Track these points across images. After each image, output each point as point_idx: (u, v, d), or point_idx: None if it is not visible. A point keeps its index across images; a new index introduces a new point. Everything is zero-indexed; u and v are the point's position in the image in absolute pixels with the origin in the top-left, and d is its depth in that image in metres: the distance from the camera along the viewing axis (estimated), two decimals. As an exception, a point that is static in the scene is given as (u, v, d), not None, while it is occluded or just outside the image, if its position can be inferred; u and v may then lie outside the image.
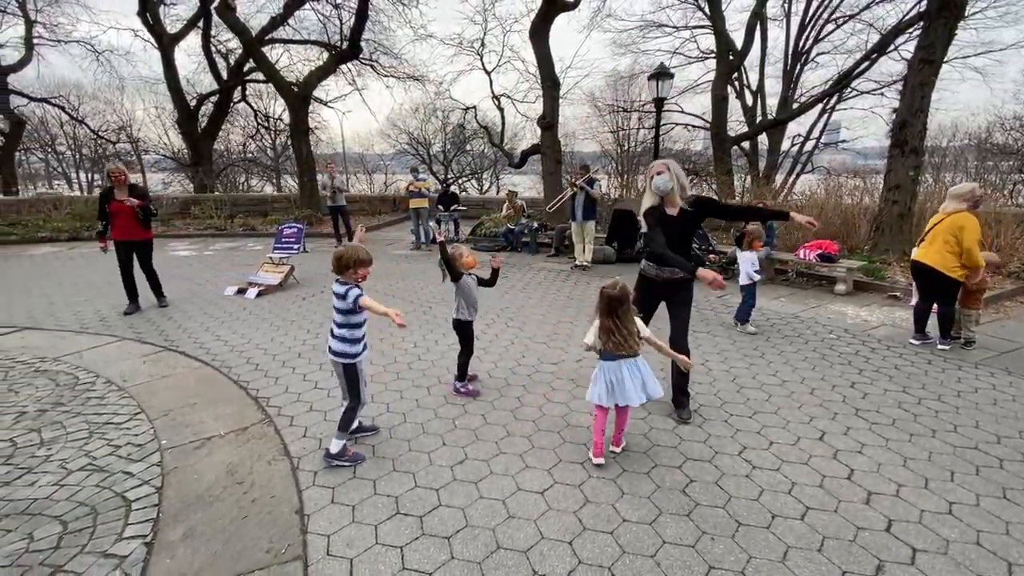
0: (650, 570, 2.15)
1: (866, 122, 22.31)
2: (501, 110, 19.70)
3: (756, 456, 2.99)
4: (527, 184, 24.66)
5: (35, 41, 18.23)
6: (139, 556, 2.28)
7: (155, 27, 17.04)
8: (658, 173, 3.27)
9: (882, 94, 16.86)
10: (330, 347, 2.89)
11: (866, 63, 13.11)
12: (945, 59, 8.10)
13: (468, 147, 26.72)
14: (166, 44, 17.27)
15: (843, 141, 22.25)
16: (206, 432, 3.34)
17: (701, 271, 2.90)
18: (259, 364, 4.48)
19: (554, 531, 2.39)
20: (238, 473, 2.89)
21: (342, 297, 2.76)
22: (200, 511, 2.57)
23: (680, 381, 3.47)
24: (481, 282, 3.79)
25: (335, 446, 2.90)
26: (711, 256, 7.77)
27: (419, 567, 2.18)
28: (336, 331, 2.86)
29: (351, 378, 2.89)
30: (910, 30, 12.04)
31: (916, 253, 4.76)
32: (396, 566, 2.19)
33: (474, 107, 21.06)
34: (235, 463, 2.99)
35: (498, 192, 26.20)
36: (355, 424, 3.03)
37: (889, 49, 12.98)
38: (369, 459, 2.99)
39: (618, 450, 3.03)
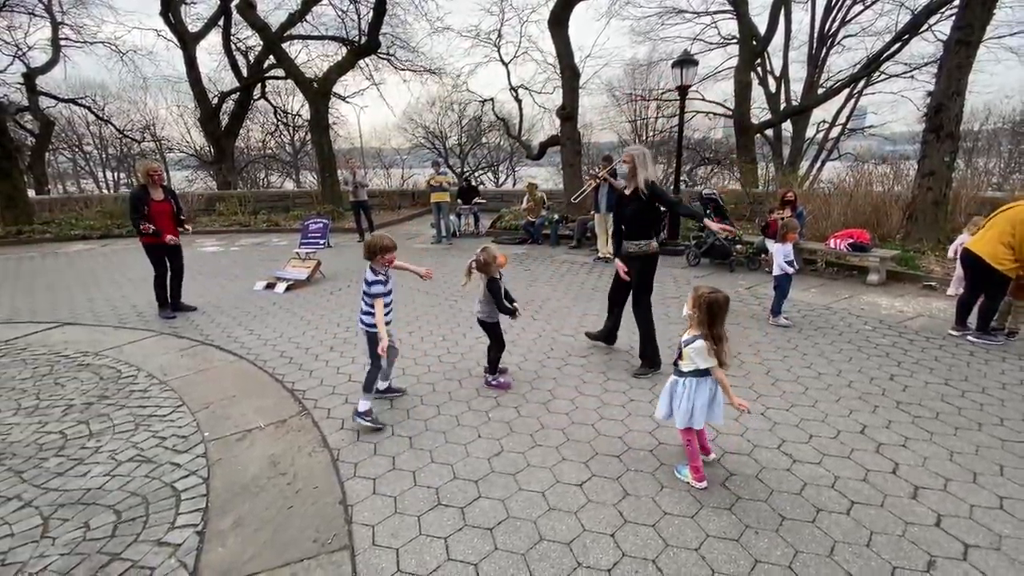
0: (695, 563, 2.14)
1: (895, 107, 21.78)
2: (519, 101, 19.61)
3: (796, 450, 2.95)
4: (544, 176, 24.58)
5: (62, 43, 18.64)
6: (192, 544, 2.35)
7: (177, 26, 17.33)
8: (624, 162, 3.98)
9: (912, 77, 16.40)
10: (361, 318, 3.34)
11: (897, 45, 12.70)
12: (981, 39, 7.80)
13: (484, 140, 26.67)
14: (188, 43, 17.55)
15: (870, 127, 21.66)
16: (247, 424, 3.42)
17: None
18: (293, 357, 4.56)
19: (595, 523, 2.40)
20: (280, 464, 2.95)
21: (368, 284, 3.25)
22: (247, 501, 2.64)
23: (650, 347, 4.06)
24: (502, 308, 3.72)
25: (362, 405, 3.30)
26: (737, 247, 7.65)
27: (464, 558, 2.21)
28: (364, 308, 3.31)
29: (372, 342, 3.30)
30: (943, 9, 11.62)
31: (970, 241, 4.61)
32: (441, 557, 2.22)
33: (491, 99, 21.00)
34: (277, 455, 3.05)
35: (515, 184, 26.15)
36: (381, 385, 3.60)
37: (922, 29, 12.53)
38: (407, 451, 3.03)
39: (711, 458, 2.83)
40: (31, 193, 15.25)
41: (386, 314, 3.30)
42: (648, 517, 2.43)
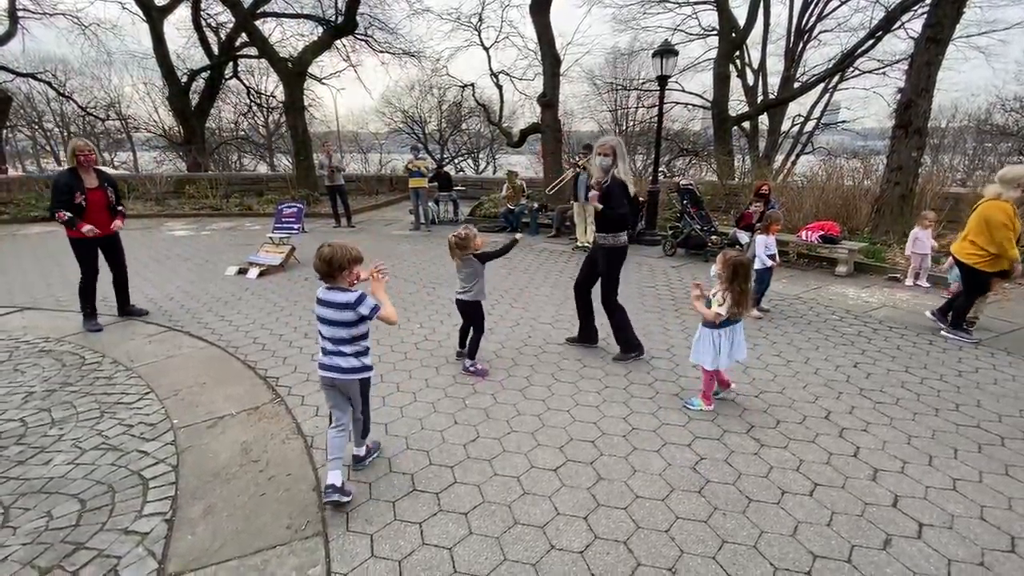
0: (665, 544, 2.20)
1: (867, 103, 22.26)
2: (499, 88, 19.42)
3: (764, 435, 3.03)
4: (524, 164, 24.48)
5: (20, 14, 17.62)
6: (160, 533, 2.30)
7: (143, -1, 16.56)
8: (604, 154, 3.84)
9: (884, 74, 16.75)
10: (339, 367, 2.41)
11: (871, 41, 12.96)
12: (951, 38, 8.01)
13: (464, 126, 26.35)
14: (155, 17, 16.82)
15: (843, 122, 22.14)
16: (218, 411, 3.35)
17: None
18: (266, 344, 4.48)
19: (569, 507, 2.43)
20: (253, 451, 2.91)
21: (351, 307, 2.34)
22: (218, 488, 2.60)
23: (624, 335, 4.08)
24: (488, 256, 3.86)
25: (360, 451, 2.74)
26: (713, 238, 7.76)
27: (438, 542, 2.22)
28: (347, 348, 2.42)
29: (367, 390, 2.60)
30: (916, 7, 11.88)
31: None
32: (416, 542, 2.23)
33: (472, 84, 20.75)
34: (249, 442, 3.01)
35: (495, 172, 25.98)
36: (359, 451, 2.76)
37: (895, 26, 12.80)
38: (383, 437, 3.02)
39: (734, 388, 3.48)
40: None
41: (367, 350, 2.52)
42: (620, 500, 2.48)
